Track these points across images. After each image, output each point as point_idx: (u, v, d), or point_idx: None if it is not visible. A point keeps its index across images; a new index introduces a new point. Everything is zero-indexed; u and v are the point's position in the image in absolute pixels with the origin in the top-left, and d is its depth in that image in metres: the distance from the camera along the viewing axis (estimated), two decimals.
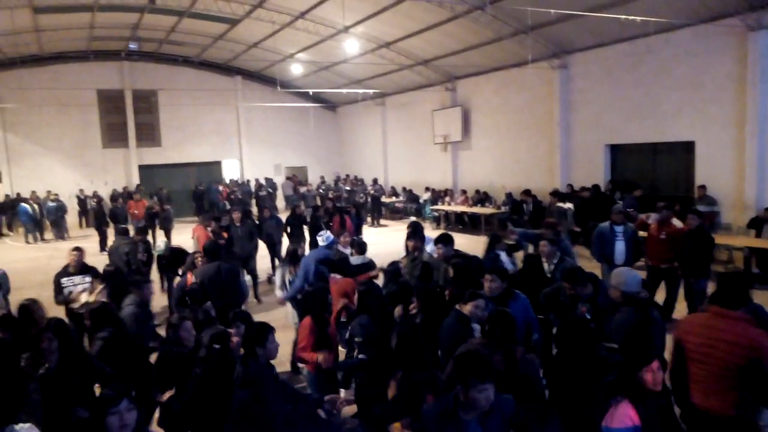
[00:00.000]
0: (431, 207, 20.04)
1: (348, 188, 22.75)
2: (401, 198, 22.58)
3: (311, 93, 23.89)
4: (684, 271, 8.00)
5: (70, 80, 22.87)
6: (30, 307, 5.15)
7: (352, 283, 6.09)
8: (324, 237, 7.42)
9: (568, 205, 14.67)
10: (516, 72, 17.73)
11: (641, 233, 8.67)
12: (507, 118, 18.62)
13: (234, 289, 6.69)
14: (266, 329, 4.01)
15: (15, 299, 7.64)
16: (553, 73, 16.53)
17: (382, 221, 20.82)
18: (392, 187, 23.96)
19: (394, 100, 24.50)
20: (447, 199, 19.88)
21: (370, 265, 7.33)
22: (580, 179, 15.79)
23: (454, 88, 20.82)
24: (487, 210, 17.48)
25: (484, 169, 19.81)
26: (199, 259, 7.36)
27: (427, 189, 21.47)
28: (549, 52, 16.20)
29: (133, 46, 22.38)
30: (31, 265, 14.64)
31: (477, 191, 18.86)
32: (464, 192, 19.57)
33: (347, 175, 26.30)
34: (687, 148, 13.53)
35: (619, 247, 8.08)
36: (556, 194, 14.99)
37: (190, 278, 6.88)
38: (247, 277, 9.56)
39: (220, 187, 23.10)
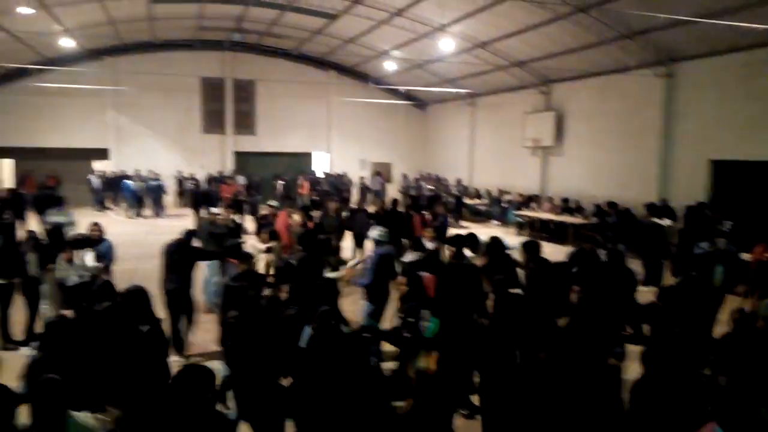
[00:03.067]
0: (515, 212, 19.60)
1: (430, 187, 22.71)
2: (484, 200, 22.25)
3: (402, 90, 24.03)
4: None
5: (176, 67, 24.21)
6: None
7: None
8: (378, 231, 7.52)
9: (667, 222, 13.89)
10: (616, 78, 17.00)
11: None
12: (603, 125, 17.90)
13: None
14: None
15: (115, 269, 8.22)
16: (656, 81, 15.70)
17: (463, 223, 20.62)
18: (476, 189, 23.67)
19: (486, 101, 24.18)
20: (533, 205, 19.40)
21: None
22: (679, 195, 14.94)
23: (548, 91, 20.27)
24: (575, 219, 16.88)
25: (574, 176, 19.17)
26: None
27: (501, 192, 21.05)
28: (654, 58, 15.40)
29: (236, 37, 23.39)
30: (129, 239, 15.62)
31: (565, 199, 18.26)
32: (551, 199, 19.02)
33: (428, 174, 26.24)
34: None
35: (719, 269, 7.60)
36: (652, 208, 14.23)
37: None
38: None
39: (301, 182, 22.97)
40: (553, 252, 13.58)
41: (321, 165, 27.69)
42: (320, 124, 27.67)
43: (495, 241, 6.88)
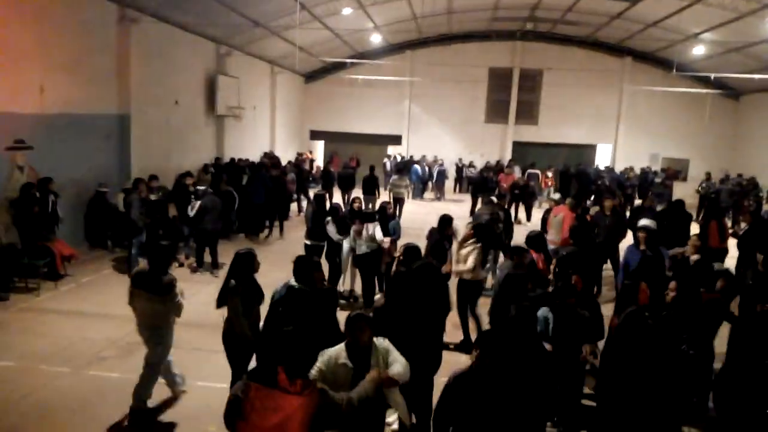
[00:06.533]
0: None
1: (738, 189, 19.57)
2: None
3: (713, 78, 21.07)
4: None
5: (467, 58, 25.19)
6: None
7: None
8: (647, 222, 6.91)
9: None
10: None
11: None
12: None
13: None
14: None
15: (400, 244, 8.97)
16: None
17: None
18: None
19: None
20: None
21: None
22: None
23: None
24: None
25: None
26: None
27: None
28: None
29: (529, 26, 23.37)
30: (411, 217, 16.95)
31: None
32: None
33: (739, 175, 22.53)
34: None
35: None
36: None
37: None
38: None
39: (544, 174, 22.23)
40: None
41: (603, 159, 26.15)
42: (608, 114, 25.98)
43: None
